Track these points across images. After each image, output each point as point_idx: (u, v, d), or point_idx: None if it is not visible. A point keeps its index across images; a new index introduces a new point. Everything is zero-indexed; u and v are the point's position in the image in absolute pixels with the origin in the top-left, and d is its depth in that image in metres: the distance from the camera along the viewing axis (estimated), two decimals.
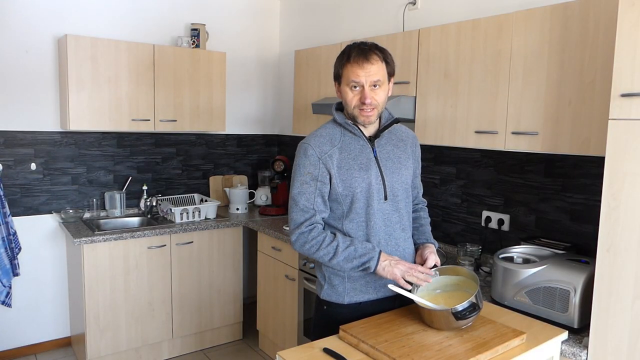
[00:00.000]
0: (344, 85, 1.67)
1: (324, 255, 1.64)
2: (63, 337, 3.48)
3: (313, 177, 1.65)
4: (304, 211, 1.66)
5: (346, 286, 1.71)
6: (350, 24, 3.52)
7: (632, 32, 1.45)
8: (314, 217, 1.66)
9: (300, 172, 1.67)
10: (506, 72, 2.12)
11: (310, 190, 1.65)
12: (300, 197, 1.66)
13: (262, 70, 4.26)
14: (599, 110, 1.81)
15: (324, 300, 1.76)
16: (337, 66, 1.70)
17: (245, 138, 4.21)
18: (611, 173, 1.51)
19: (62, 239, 3.42)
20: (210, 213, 3.57)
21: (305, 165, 1.66)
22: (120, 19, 3.49)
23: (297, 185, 1.67)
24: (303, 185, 1.66)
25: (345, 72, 1.65)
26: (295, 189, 1.67)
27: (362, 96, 1.63)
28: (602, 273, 1.56)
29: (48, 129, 3.30)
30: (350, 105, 1.66)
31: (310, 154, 1.66)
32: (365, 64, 1.61)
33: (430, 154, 2.94)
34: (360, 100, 1.63)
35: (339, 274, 1.72)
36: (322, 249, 1.63)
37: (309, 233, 1.65)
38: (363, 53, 1.63)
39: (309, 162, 1.66)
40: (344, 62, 1.66)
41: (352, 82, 1.63)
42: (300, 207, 1.66)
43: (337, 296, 1.72)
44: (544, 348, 1.58)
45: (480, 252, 2.52)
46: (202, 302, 3.46)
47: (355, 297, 1.72)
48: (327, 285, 1.75)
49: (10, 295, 2.99)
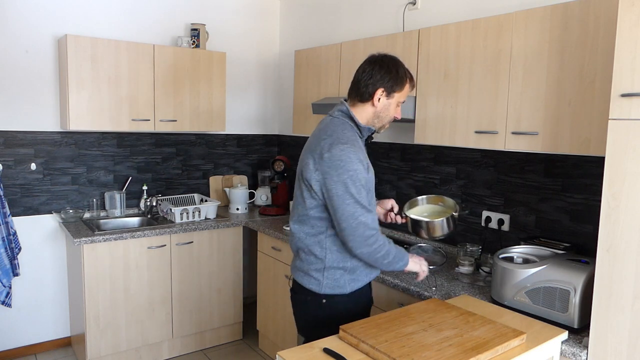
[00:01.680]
0: (395, 99, 1.81)
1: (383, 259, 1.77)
2: (63, 337, 3.48)
3: (365, 182, 1.74)
4: (371, 212, 1.74)
5: (346, 278, 1.83)
6: (350, 24, 3.52)
7: (632, 32, 1.45)
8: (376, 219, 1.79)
9: (358, 178, 1.70)
10: (506, 72, 2.12)
11: (365, 194, 1.73)
12: (364, 200, 1.72)
13: (262, 70, 4.26)
14: (599, 110, 1.81)
15: (323, 295, 1.84)
16: (394, 81, 1.78)
17: (245, 138, 4.21)
18: (611, 173, 1.51)
19: (62, 239, 3.42)
20: (210, 213, 3.57)
21: (361, 171, 1.71)
22: (120, 19, 3.49)
23: (357, 190, 1.70)
24: (362, 190, 1.71)
25: (403, 91, 1.82)
26: (357, 193, 1.70)
27: (397, 112, 1.85)
28: (602, 273, 1.55)
29: (48, 129, 3.30)
30: (390, 117, 1.84)
31: (361, 158, 1.73)
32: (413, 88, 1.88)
33: (430, 154, 2.94)
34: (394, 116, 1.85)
35: (342, 267, 1.82)
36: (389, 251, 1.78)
37: (380, 235, 1.77)
38: (413, 79, 1.86)
39: (362, 167, 1.72)
40: (405, 82, 1.81)
41: (404, 101, 1.85)
42: (368, 209, 1.73)
43: (340, 288, 1.83)
44: (544, 348, 1.58)
45: (480, 252, 2.52)
46: (202, 302, 3.46)
47: (355, 285, 1.85)
48: (327, 280, 1.82)
49: (10, 295, 2.99)
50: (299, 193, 1.84)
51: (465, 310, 1.73)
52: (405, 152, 3.10)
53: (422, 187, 2.99)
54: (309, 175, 1.76)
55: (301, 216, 1.85)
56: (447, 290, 2.16)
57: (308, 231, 1.84)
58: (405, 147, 3.08)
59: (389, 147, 3.19)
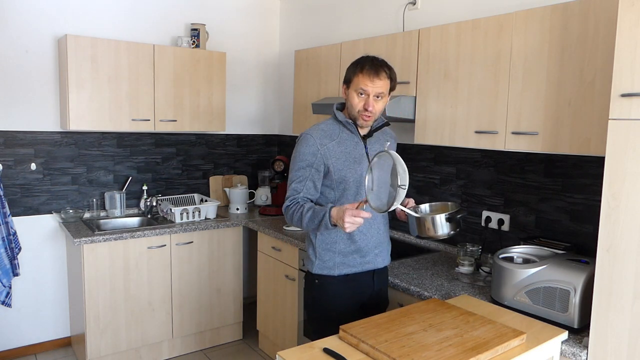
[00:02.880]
0: (352, 90, 1.89)
1: (298, 221, 1.88)
2: (63, 337, 3.48)
3: (309, 164, 1.90)
4: (294, 191, 1.92)
5: (335, 260, 1.98)
6: (350, 24, 3.52)
7: (632, 32, 1.45)
8: (298, 194, 1.92)
9: (299, 159, 1.92)
10: (506, 72, 2.12)
11: (304, 175, 1.91)
12: (294, 180, 1.92)
13: (262, 70, 4.26)
14: (599, 110, 1.81)
15: (315, 275, 2.00)
16: (349, 72, 1.91)
17: (245, 138, 4.21)
18: (611, 173, 1.51)
19: (62, 239, 3.42)
20: (210, 213, 3.57)
21: (304, 153, 1.91)
22: (120, 19, 3.49)
23: (294, 170, 1.93)
24: (299, 171, 1.92)
25: (356, 80, 1.87)
26: (292, 172, 1.93)
27: (366, 103, 1.87)
28: (602, 273, 1.56)
29: (48, 129, 3.30)
30: (355, 108, 1.89)
31: (311, 143, 1.91)
32: (375, 78, 1.84)
33: (430, 154, 2.94)
34: (364, 107, 1.87)
35: (330, 250, 1.97)
36: (294, 216, 1.89)
37: (289, 206, 1.92)
38: (374, 68, 1.85)
39: (308, 151, 1.90)
40: (357, 71, 1.88)
41: (361, 89, 1.86)
42: (292, 188, 1.92)
43: (329, 270, 1.98)
44: (544, 348, 1.59)
45: (480, 252, 2.52)
46: (202, 302, 3.46)
47: (344, 269, 1.98)
48: (318, 260, 1.99)
49: (10, 295, 2.99)
50: None
51: (465, 310, 1.73)
52: (405, 152, 3.10)
53: (422, 187, 2.99)
54: None
55: None
56: (447, 290, 2.16)
57: None
58: (405, 147, 3.08)
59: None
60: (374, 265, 2.04)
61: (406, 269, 2.44)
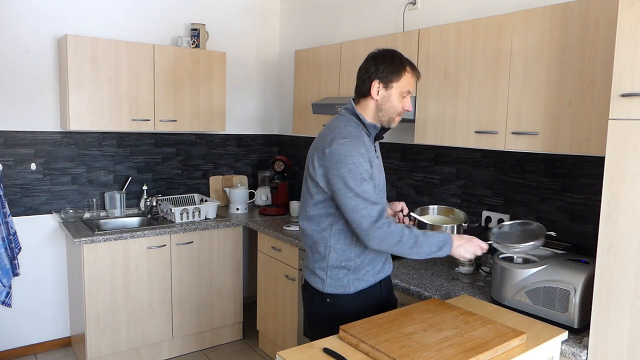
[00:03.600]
0: (395, 90, 1.77)
1: (404, 245, 1.67)
2: (63, 337, 3.48)
3: (369, 175, 1.71)
4: (376, 204, 1.68)
5: (350, 277, 1.82)
6: (350, 24, 3.52)
7: (632, 32, 1.45)
8: (385, 210, 1.71)
9: (358, 171, 1.67)
10: (506, 72, 2.12)
11: (370, 187, 1.70)
12: (366, 193, 1.68)
13: (262, 70, 4.26)
14: (599, 110, 1.81)
15: (327, 294, 1.83)
16: (390, 71, 1.76)
17: (245, 138, 4.21)
18: (611, 173, 1.51)
19: (62, 239, 3.42)
20: (210, 213, 3.57)
21: (361, 164, 1.69)
22: (120, 19, 3.49)
23: (357, 183, 1.67)
24: (363, 183, 1.68)
25: (403, 80, 1.76)
26: (357, 186, 1.67)
27: (405, 104, 1.79)
28: (602, 273, 1.55)
29: (48, 129, 3.30)
30: (395, 109, 1.79)
31: (362, 152, 1.71)
32: (418, 79, 1.81)
33: (430, 154, 2.94)
34: (403, 108, 1.79)
35: (346, 267, 1.81)
36: (404, 240, 1.66)
37: (388, 226, 1.67)
38: (417, 69, 1.80)
39: (363, 160, 1.70)
40: (401, 70, 1.76)
41: (407, 91, 1.78)
42: (372, 201, 1.68)
43: (343, 288, 1.82)
44: (544, 348, 1.58)
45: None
46: (202, 302, 3.46)
47: (360, 285, 1.83)
48: (329, 279, 1.82)
49: (10, 295, 2.99)
50: (306, 190, 1.85)
51: (465, 310, 1.73)
52: (405, 152, 3.10)
53: (422, 187, 2.99)
54: (313, 172, 1.77)
55: (308, 213, 1.85)
56: (447, 290, 2.16)
57: (314, 228, 1.84)
58: (405, 147, 3.08)
59: (389, 147, 3.19)
60: (384, 274, 1.92)
61: (406, 269, 2.44)
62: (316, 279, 1.85)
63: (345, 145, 1.69)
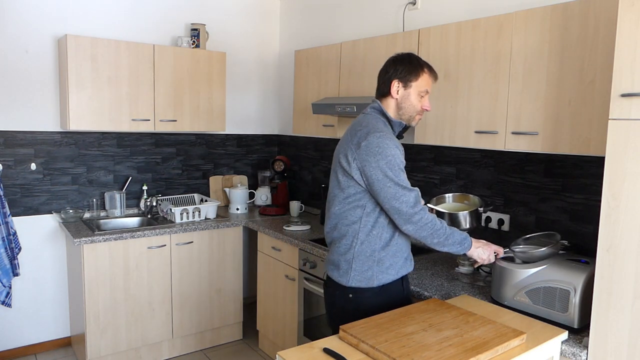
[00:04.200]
0: (413, 89, 1.84)
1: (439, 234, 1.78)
2: (63, 337, 3.48)
3: (404, 165, 1.80)
4: (412, 190, 1.77)
5: (374, 270, 1.84)
6: (350, 24, 3.52)
7: (632, 32, 1.45)
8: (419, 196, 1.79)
9: (395, 162, 1.76)
10: (506, 72, 2.12)
11: (405, 176, 1.79)
12: (404, 182, 1.77)
13: (262, 70, 4.26)
14: (599, 110, 1.81)
15: (350, 288, 1.85)
16: (408, 71, 1.84)
17: (245, 138, 4.21)
18: (611, 173, 1.51)
19: (62, 239, 3.42)
20: (210, 213, 3.57)
21: (397, 155, 1.77)
22: (120, 19, 3.49)
23: (396, 173, 1.75)
24: (400, 173, 1.77)
25: (421, 80, 1.84)
26: (395, 176, 1.75)
27: (424, 104, 1.87)
28: (602, 273, 1.55)
29: (48, 129, 3.30)
30: (415, 108, 1.86)
31: (397, 144, 1.80)
32: (435, 80, 1.89)
33: (430, 154, 2.94)
34: (422, 107, 1.86)
35: (371, 258, 1.83)
36: (438, 229, 1.78)
37: (424, 213, 1.78)
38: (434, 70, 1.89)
39: (399, 152, 1.79)
40: (419, 70, 1.84)
41: (425, 90, 1.85)
42: (409, 188, 1.76)
43: (367, 281, 1.84)
44: (544, 348, 1.58)
45: None
46: (202, 302, 3.46)
47: (383, 279, 1.85)
48: (354, 272, 1.84)
49: (10, 295, 2.99)
50: (336, 184, 1.89)
51: (465, 310, 1.73)
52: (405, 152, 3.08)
53: (422, 187, 2.99)
54: (347, 166, 1.82)
55: (336, 207, 1.88)
56: (447, 290, 2.16)
57: (343, 221, 1.87)
58: (405, 147, 3.06)
59: None
60: (406, 270, 1.92)
61: None
62: (340, 272, 1.88)
63: (382, 138, 1.77)
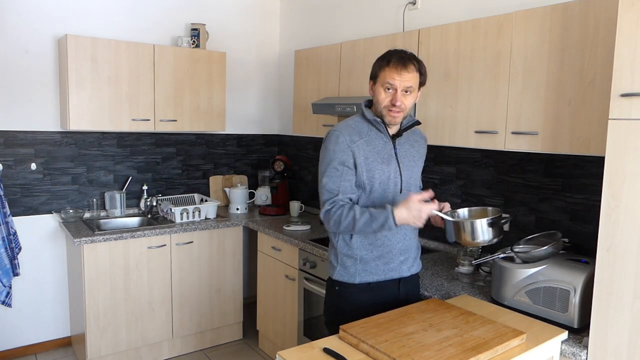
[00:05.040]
0: (378, 85, 1.81)
1: (347, 226, 1.76)
2: (63, 337, 3.48)
3: (341, 162, 1.79)
4: (330, 192, 1.80)
5: (357, 267, 1.87)
6: (350, 24, 3.52)
7: (632, 32, 1.45)
8: (337, 196, 1.79)
9: (330, 157, 1.80)
10: (506, 72, 2.12)
11: (337, 174, 1.79)
12: (328, 180, 1.80)
13: (262, 70, 4.26)
14: (599, 110, 1.81)
15: (335, 281, 1.92)
16: (375, 67, 1.83)
17: (245, 138, 4.21)
18: (611, 173, 1.51)
19: (62, 239, 3.42)
20: (210, 213, 3.57)
21: (335, 152, 1.80)
22: (120, 19, 3.49)
23: (326, 170, 1.81)
24: (331, 170, 1.80)
25: (382, 74, 1.79)
26: (324, 173, 1.81)
27: (393, 98, 1.78)
28: (602, 273, 1.56)
29: (48, 129, 3.30)
30: (381, 104, 1.81)
31: (341, 141, 1.80)
32: (402, 70, 1.75)
33: (430, 154, 2.93)
34: (391, 102, 1.78)
35: (352, 256, 1.87)
36: (344, 221, 1.76)
37: (331, 210, 1.79)
38: (402, 60, 1.77)
39: (339, 149, 1.79)
40: (383, 65, 1.79)
41: (387, 84, 1.77)
42: (327, 189, 1.80)
43: (349, 277, 1.88)
44: (544, 348, 1.59)
45: (480, 252, 2.52)
46: (202, 302, 3.46)
47: (366, 277, 1.87)
48: (339, 267, 1.90)
49: (10, 295, 2.99)
50: None
51: (465, 310, 1.73)
52: None
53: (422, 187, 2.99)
54: None
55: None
56: (447, 290, 2.16)
57: None
58: None
59: None
60: (398, 274, 1.90)
61: None
62: (330, 265, 1.96)
63: (331, 133, 1.83)
